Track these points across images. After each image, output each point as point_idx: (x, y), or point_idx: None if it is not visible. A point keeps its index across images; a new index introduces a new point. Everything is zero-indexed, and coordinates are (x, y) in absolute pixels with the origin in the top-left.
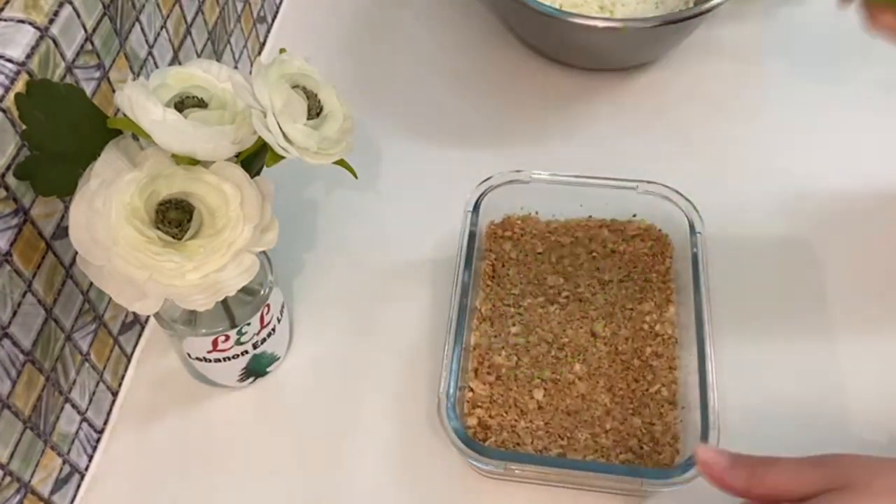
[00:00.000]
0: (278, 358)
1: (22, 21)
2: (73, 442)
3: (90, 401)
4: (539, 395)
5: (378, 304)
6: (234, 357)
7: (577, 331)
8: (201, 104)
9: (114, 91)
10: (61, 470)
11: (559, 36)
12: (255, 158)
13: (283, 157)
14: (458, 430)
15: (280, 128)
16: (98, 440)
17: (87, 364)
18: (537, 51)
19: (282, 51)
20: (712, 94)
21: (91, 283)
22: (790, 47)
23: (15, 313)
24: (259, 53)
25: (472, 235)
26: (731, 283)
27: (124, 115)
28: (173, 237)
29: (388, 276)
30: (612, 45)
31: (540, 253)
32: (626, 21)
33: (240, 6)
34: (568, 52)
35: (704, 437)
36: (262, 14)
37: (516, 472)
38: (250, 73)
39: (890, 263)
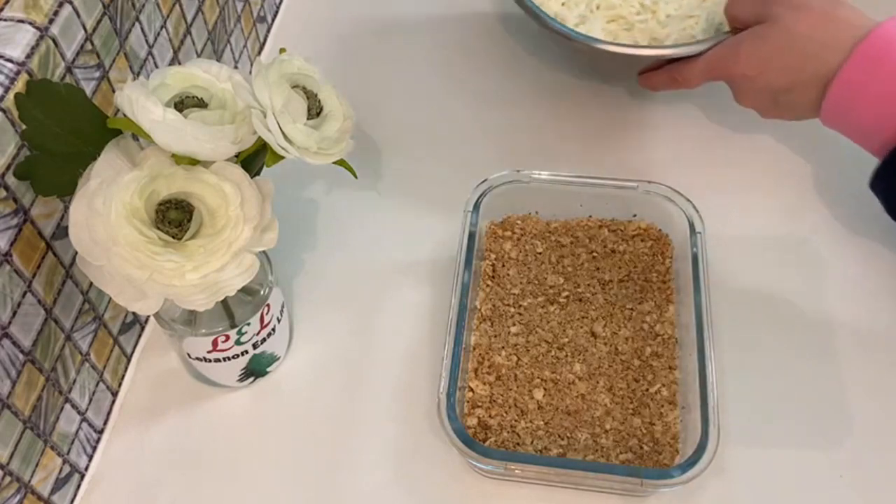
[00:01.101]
0: (278, 358)
1: (22, 21)
2: (73, 442)
3: (90, 401)
4: (539, 395)
5: (378, 304)
6: (234, 357)
7: (577, 331)
8: (201, 104)
9: (114, 91)
10: (61, 470)
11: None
12: (255, 158)
13: (283, 157)
14: (458, 430)
15: (280, 128)
16: (98, 440)
17: (87, 364)
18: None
19: (282, 51)
20: (712, 94)
21: (91, 283)
22: None
23: (15, 313)
24: (259, 53)
25: (472, 235)
26: (731, 283)
27: (124, 115)
28: (173, 237)
29: (388, 277)
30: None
31: (540, 253)
32: (675, 47)
33: (240, 6)
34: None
35: (704, 436)
36: (262, 14)
37: (516, 472)
38: (250, 73)
39: (890, 263)
